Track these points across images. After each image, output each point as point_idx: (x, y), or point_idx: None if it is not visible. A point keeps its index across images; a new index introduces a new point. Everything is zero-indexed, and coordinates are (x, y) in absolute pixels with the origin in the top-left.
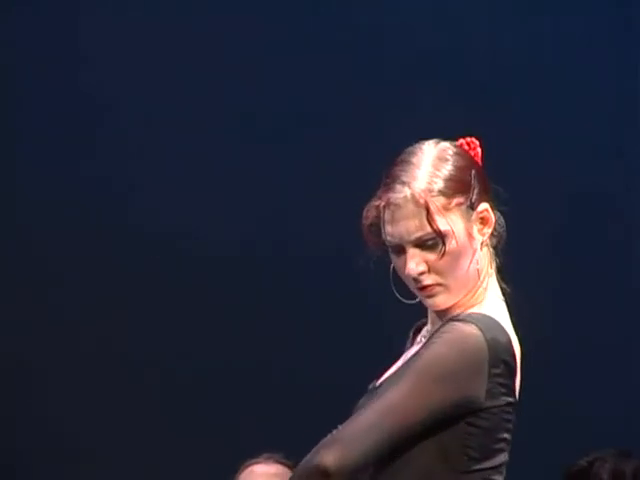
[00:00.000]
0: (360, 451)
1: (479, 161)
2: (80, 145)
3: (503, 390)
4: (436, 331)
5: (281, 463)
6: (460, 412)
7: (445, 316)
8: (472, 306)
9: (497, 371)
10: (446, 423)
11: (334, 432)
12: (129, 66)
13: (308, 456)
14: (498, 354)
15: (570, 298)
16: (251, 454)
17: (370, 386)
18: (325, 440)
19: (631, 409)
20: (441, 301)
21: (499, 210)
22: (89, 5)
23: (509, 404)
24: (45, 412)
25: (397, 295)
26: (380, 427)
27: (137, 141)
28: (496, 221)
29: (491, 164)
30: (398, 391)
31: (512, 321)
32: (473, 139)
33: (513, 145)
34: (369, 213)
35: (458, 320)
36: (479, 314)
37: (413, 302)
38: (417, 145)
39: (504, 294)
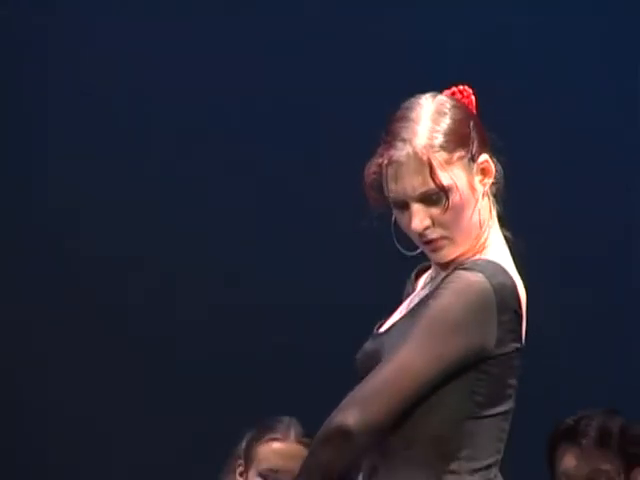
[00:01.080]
0: (380, 410)
1: (474, 110)
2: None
3: (511, 336)
4: (442, 280)
5: (301, 443)
6: (471, 361)
7: (449, 266)
8: (475, 254)
9: (505, 318)
10: (457, 372)
11: (351, 393)
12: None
13: (327, 419)
14: (505, 301)
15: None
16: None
17: (375, 331)
18: (344, 402)
19: (620, 371)
20: (446, 253)
21: (497, 158)
22: None
23: (517, 350)
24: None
25: (400, 249)
26: (397, 385)
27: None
28: (495, 170)
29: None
30: (410, 347)
31: (516, 266)
32: (466, 87)
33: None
34: (371, 171)
35: (464, 269)
36: (484, 260)
37: (415, 253)
38: (414, 100)
39: (507, 241)
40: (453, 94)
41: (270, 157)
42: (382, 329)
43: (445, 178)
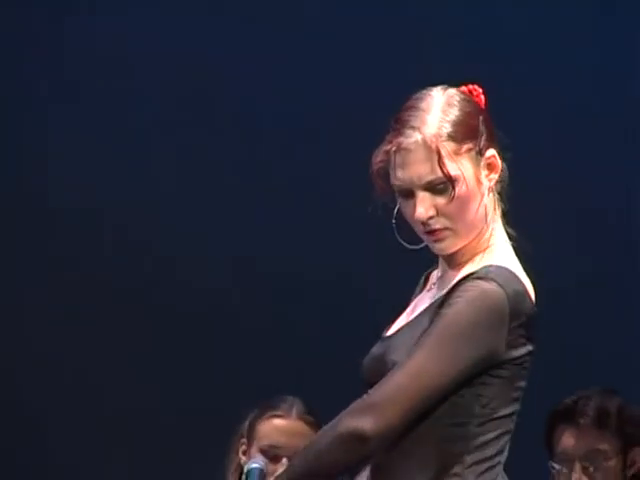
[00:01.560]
0: (395, 416)
1: (483, 106)
2: None
3: (523, 340)
4: (454, 288)
5: (303, 420)
6: (483, 366)
7: (454, 261)
8: (480, 251)
9: (518, 323)
10: (469, 378)
11: (365, 397)
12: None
13: (336, 421)
14: (519, 307)
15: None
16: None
17: (384, 334)
18: (357, 405)
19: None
20: (448, 245)
21: (503, 156)
22: None
23: (529, 353)
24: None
25: (401, 241)
26: (411, 391)
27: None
28: (501, 168)
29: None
30: (425, 354)
31: (522, 264)
32: (476, 86)
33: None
34: (378, 158)
35: (478, 278)
36: (495, 267)
37: (417, 247)
38: (424, 91)
39: (510, 238)
40: (466, 92)
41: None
42: (389, 332)
43: (452, 168)
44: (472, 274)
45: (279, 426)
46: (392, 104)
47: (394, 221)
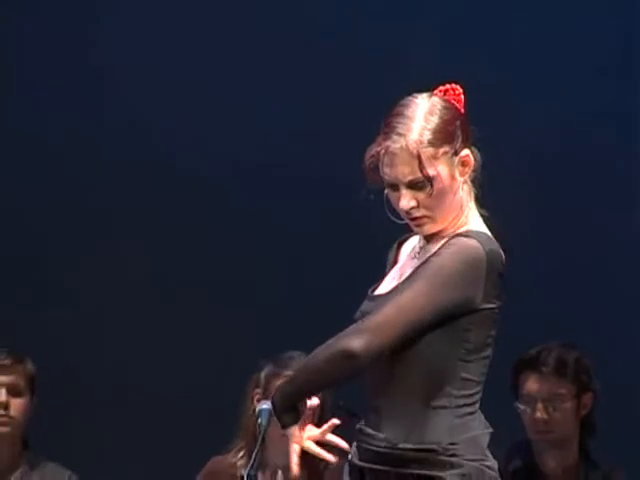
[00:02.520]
0: (382, 339)
1: (462, 108)
2: None
3: (495, 294)
4: (442, 246)
5: None
6: (460, 311)
7: (434, 237)
8: (457, 229)
9: (492, 278)
10: (449, 320)
11: (355, 324)
12: None
13: (331, 341)
14: (494, 264)
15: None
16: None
17: (370, 293)
18: (350, 329)
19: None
20: (427, 229)
21: (476, 146)
22: None
23: (498, 307)
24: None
25: (390, 216)
26: (399, 320)
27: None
28: (475, 160)
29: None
30: (413, 291)
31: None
32: (456, 86)
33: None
34: (370, 155)
35: (461, 235)
36: (475, 231)
37: (402, 222)
38: (412, 99)
39: (484, 220)
40: (445, 92)
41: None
42: (380, 291)
43: (431, 170)
44: (458, 233)
45: None
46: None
47: (385, 203)
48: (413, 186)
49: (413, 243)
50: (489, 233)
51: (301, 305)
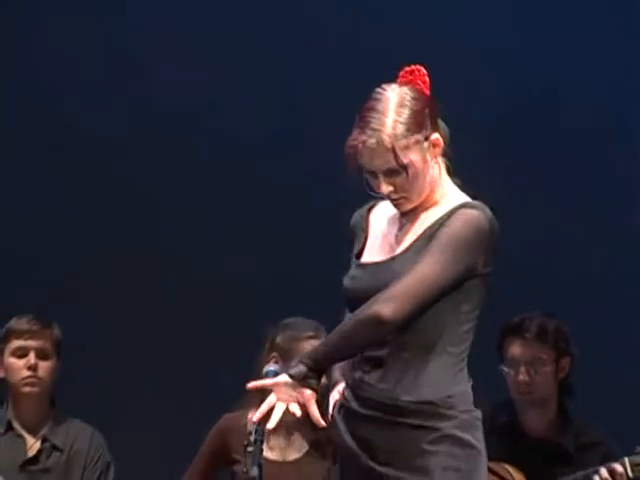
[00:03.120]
0: (409, 307)
1: (428, 89)
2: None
3: (491, 260)
4: (449, 217)
5: None
6: (466, 275)
7: (417, 208)
8: (435, 203)
9: (491, 245)
10: (458, 284)
11: (385, 291)
12: None
13: (361, 309)
14: (493, 231)
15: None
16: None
17: (359, 261)
18: (378, 297)
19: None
20: (405, 207)
21: (444, 120)
22: None
23: (491, 271)
24: None
25: (370, 192)
26: (422, 289)
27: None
28: (443, 138)
29: None
30: (432, 262)
31: None
32: (420, 67)
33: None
34: (350, 147)
35: (466, 206)
36: (477, 202)
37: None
38: (382, 92)
39: (460, 189)
40: (411, 73)
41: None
42: (372, 259)
43: (405, 159)
44: (463, 204)
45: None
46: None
47: (365, 184)
48: (390, 174)
49: (385, 210)
50: (478, 202)
51: None
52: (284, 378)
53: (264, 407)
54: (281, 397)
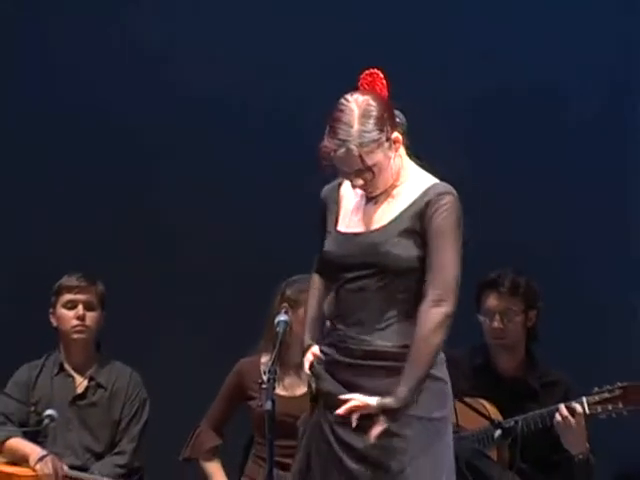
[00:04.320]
0: (457, 293)
1: (386, 90)
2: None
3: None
4: (431, 202)
5: None
6: None
7: (387, 189)
8: (402, 182)
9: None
10: None
11: (434, 290)
12: None
13: (425, 316)
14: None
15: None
16: None
17: (340, 230)
18: (434, 297)
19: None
20: (375, 194)
21: (400, 110)
22: None
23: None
24: None
25: (350, 183)
26: (457, 275)
27: None
28: (402, 134)
29: None
30: (452, 250)
31: None
32: (377, 71)
33: None
34: (322, 152)
35: (445, 193)
36: (441, 183)
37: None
38: (347, 104)
39: (424, 169)
40: (370, 76)
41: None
42: (354, 230)
43: (370, 161)
44: (437, 192)
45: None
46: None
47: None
48: (359, 173)
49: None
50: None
51: None
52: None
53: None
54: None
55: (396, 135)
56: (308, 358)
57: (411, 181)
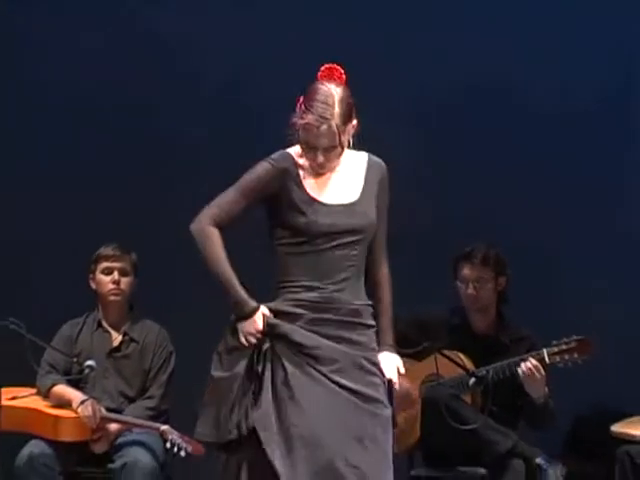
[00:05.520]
0: None
1: (345, 85)
2: None
3: None
4: (384, 172)
5: None
6: None
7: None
8: (343, 157)
9: None
10: None
11: (380, 253)
12: None
13: (388, 269)
14: None
15: None
16: None
17: (318, 201)
18: (381, 259)
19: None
20: (325, 171)
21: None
22: None
23: None
24: None
25: (304, 154)
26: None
27: None
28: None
29: None
30: (385, 222)
31: None
32: (337, 66)
33: None
34: (302, 125)
35: (380, 163)
36: (375, 156)
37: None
38: (328, 88)
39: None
40: (329, 70)
41: None
42: (342, 201)
43: (342, 139)
44: (381, 164)
45: None
46: None
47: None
48: (328, 150)
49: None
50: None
51: None
52: None
53: None
54: None
55: (355, 122)
56: (259, 317)
57: (348, 155)
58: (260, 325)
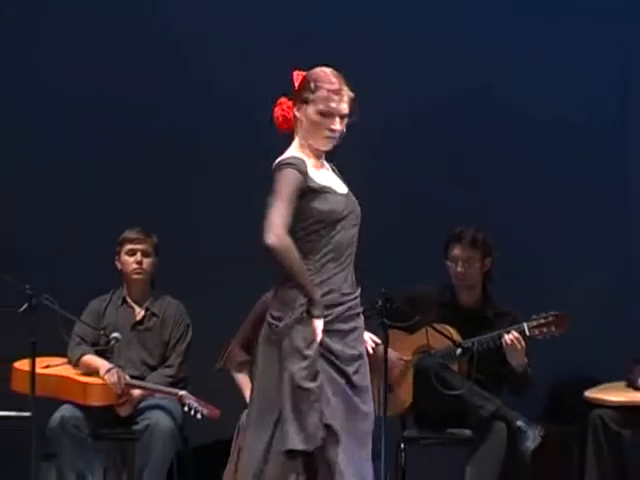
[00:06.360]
0: None
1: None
2: None
3: None
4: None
5: None
6: None
7: (322, 160)
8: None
9: None
10: None
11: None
12: None
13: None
14: None
15: None
16: None
17: (330, 189)
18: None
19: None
20: (333, 144)
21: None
22: None
23: None
24: None
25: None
26: None
27: None
28: None
29: None
30: None
31: None
32: (300, 72)
33: None
34: (335, 90)
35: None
36: None
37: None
38: (329, 72)
39: None
40: (296, 77)
41: None
42: (345, 191)
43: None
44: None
45: None
46: None
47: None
48: (343, 117)
49: (309, 167)
50: None
51: None
52: None
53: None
54: None
55: None
56: (320, 332)
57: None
58: (319, 337)
